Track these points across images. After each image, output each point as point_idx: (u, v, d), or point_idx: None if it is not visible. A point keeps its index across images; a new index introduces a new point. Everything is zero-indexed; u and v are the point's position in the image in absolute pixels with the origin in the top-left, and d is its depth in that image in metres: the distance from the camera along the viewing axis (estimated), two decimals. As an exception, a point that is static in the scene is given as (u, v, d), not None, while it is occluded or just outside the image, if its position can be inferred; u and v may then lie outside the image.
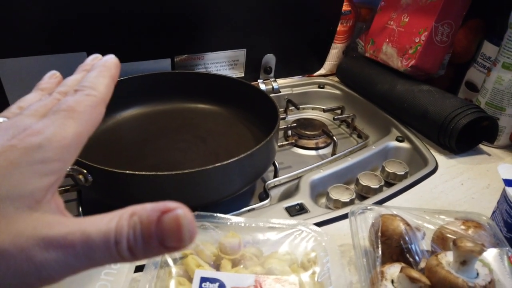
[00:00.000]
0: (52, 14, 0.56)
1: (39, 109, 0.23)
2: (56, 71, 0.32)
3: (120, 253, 0.18)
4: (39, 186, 0.20)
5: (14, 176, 0.19)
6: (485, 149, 0.61)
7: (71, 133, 0.22)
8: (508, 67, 0.56)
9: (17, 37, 0.56)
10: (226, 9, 0.67)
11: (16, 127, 0.21)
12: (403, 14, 0.70)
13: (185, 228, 0.19)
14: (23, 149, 0.20)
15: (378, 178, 0.56)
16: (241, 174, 0.48)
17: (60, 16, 0.56)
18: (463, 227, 0.37)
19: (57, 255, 0.18)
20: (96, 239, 0.18)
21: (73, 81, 0.27)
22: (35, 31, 0.57)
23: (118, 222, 0.19)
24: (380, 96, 0.70)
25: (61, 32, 0.58)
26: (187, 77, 0.67)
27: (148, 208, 0.19)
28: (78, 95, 0.23)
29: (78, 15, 0.57)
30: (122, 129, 0.62)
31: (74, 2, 0.56)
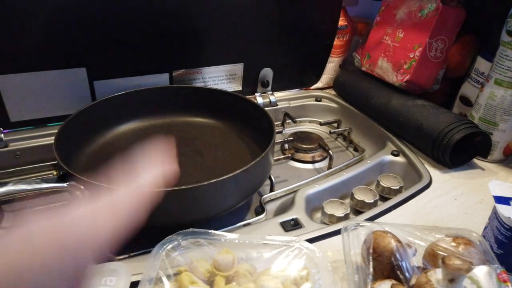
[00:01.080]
0: (52, 31, 0.57)
1: None
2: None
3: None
4: None
5: None
6: (479, 164, 0.61)
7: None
8: (501, 83, 0.57)
9: (18, 53, 0.57)
10: (223, 24, 0.68)
11: None
12: (398, 30, 0.72)
13: None
14: None
15: (373, 193, 0.56)
16: (237, 189, 0.48)
17: (60, 32, 0.58)
18: (454, 244, 0.38)
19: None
20: None
21: None
22: (36, 48, 0.58)
23: None
24: (376, 110, 0.71)
25: (61, 48, 0.59)
26: (185, 92, 0.68)
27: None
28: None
29: (78, 31, 0.59)
30: (120, 143, 0.63)
31: (73, 18, 0.57)
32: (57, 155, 0.48)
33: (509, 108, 0.58)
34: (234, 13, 0.68)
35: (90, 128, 0.61)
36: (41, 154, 0.63)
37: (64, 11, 0.56)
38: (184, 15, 0.64)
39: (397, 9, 0.73)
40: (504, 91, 0.57)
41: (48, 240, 0.24)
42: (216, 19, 0.67)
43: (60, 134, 0.52)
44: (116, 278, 0.35)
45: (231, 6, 0.67)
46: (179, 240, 0.38)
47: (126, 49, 0.64)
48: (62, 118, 0.63)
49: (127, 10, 0.60)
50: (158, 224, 0.46)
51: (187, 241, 0.38)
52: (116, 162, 0.58)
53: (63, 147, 0.51)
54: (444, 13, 0.65)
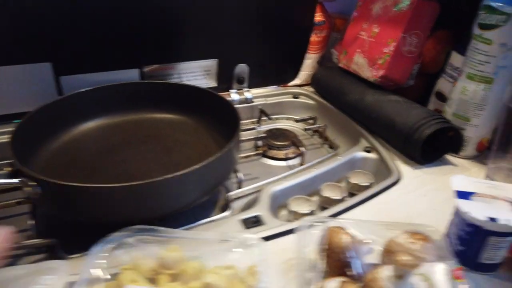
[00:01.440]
0: (14, 23, 0.56)
1: None
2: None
3: None
4: None
5: None
6: (452, 160, 0.60)
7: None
8: (472, 77, 0.56)
9: (-22, 48, 0.56)
10: (197, 18, 0.67)
11: None
12: (373, 25, 0.70)
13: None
14: None
15: (341, 189, 0.55)
16: (198, 185, 0.47)
17: (23, 25, 0.56)
18: (411, 240, 0.36)
19: None
20: None
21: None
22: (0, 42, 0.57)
23: None
24: (351, 106, 0.70)
25: (24, 42, 0.58)
26: (154, 87, 0.67)
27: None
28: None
29: (42, 25, 0.57)
30: (86, 140, 0.61)
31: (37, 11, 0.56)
32: (12, 151, 0.46)
33: (482, 103, 0.56)
34: (208, 6, 0.67)
35: (54, 125, 0.59)
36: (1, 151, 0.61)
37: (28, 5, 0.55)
38: (156, 7, 0.63)
39: (373, 4, 0.72)
40: (476, 85, 0.56)
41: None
42: (190, 12, 0.66)
43: (18, 131, 0.51)
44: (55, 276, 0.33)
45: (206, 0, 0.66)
46: (124, 238, 0.36)
47: (94, 43, 0.62)
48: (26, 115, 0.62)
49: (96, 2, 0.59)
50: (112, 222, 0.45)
51: (134, 238, 0.37)
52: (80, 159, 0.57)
53: (21, 144, 0.49)
54: (419, 7, 0.64)
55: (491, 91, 0.55)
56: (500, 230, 0.36)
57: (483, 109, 0.57)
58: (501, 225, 0.35)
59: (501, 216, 0.36)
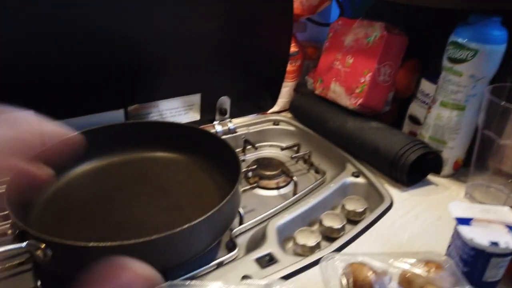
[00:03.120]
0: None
1: None
2: None
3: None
4: None
5: None
6: (432, 180, 0.65)
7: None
8: (446, 104, 0.62)
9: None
10: (178, 55, 0.67)
11: None
12: (347, 55, 0.75)
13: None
14: None
15: (340, 217, 0.58)
16: (211, 230, 0.47)
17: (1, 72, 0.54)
18: (426, 269, 0.40)
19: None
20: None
21: None
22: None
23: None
24: (333, 133, 0.74)
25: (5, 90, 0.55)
26: (141, 127, 0.66)
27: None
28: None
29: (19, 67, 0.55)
30: (77, 187, 0.59)
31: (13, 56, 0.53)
32: (11, 210, 0.44)
33: (456, 127, 0.62)
34: (188, 44, 0.67)
35: (43, 174, 0.57)
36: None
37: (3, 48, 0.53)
38: (135, 47, 0.63)
39: (344, 36, 0.77)
40: (450, 112, 0.62)
41: None
42: (170, 51, 0.66)
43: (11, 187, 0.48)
44: None
45: (185, 37, 0.66)
46: (158, 296, 0.36)
47: (75, 87, 0.60)
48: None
49: (74, 44, 0.57)
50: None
51: (166, 295, 0.36)
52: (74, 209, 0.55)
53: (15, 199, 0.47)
54: (389, 40, 0.69)
55: (464, 116, 0.61)
56: (501, 252, 0.40)
57: (458, 133, 0.63)
58: (502, 248, 0.40)
59: (501, 239, 0.40)
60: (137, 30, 0.61)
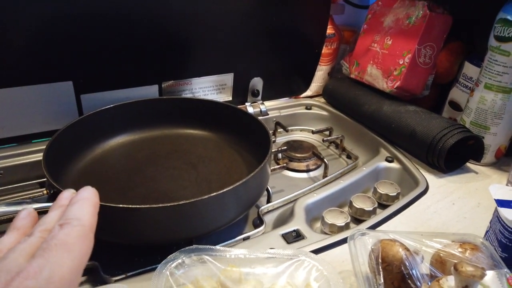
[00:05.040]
0: (36, 44, 0.55)
1: (26, 248, 0.22)
2: (32, 210, 0.31)
3: None
4: None
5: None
6: (472, 167, 0.62)
7: (67, 270, 0.21)
8: (490, 87, 0.58)
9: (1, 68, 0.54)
10: (212, 34, 0.67)
11: (7, 271, 0.20)
12: (386, 37, 0.72)
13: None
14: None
15: (371, 200, 0.56)
16: (236, 203, 0.47)
17: (44, 45, 0.56)
18: (460, 250, 0.38)
19: None
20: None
21: (52, 218, 0.27)
22: (20, 61, 0.56)
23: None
24: (368, 117, 0.72)
25: (46, 62, 0.57)
26: (175, 103, 0.67)
27: None
28: (65, 228, 0.24)
29: (63, 44, 0.57)
30: (111, 158, 0.60)
31: (58, 31, 0.55)
32: (47, 174, 0.45)
33: (500, 112, 0.59)
34: (222, 23, 0.67)
35: (79, 144, 0.59)
36: (26, 172, 0.60)
37: (49, 24, 0.55)
38: (172, 26, 0.63)
39: (384, 17, 0.74)
40: (494, 95, 0.58)
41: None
42: (205, 29, 0.66)
43: (48, 152, 0.50)
44: (118, 301, 0.33)
45: (219, 16, 0.66)
46: (182, 258, 0.36)
47: (114, 62, 0.62)
48: (48, 134, 0.61)
49: (114, 22, 0.58)
50: (156, 241, 0.45)
51: (191, 258, 0.36)
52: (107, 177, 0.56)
53: (51, 164, 0.48)
54: (431, 20, 0.66)
55: (509, 100, 0.57)
56: (546, 236, 0.37)
57: (501, 118, 0.59)
58: (547, 232, 0.37)
59: (546, 223, 0.37)
60: (172, 8, 0.62)
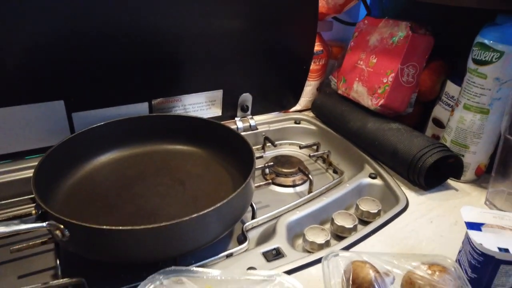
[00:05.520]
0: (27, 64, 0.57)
1: None
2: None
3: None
4: None
5: None
6: (453, 185, 0.64)
7: None
8: (469, 108, 0.60)
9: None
10: (202, 52, 0.69)
11: None
12: (371, 55, 0.74)
13: None
14: None
15: (352, 217, 0.57)
16: (219, 221, 0.49)
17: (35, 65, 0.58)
18: (429, 272, 0.39)
19: None
20: None
21: None
22: (12, 82, 0.57)
23: None
24: (353, 133, 0.73)
25: (38, 81, 0.59)
26: (164, 120, 0.69)
27: None
28: None
29: (54, 63, 0.59)
30: (100, 175, 0.62)
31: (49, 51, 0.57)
32: (36, 193, 0.47)
33: (479, 132, 0.60)
34: (212, 41, 0.69)
35: (69, 161, 0.60)
36: (20, 187, 0.62)
37: (39, 44, 0.56)
38: (162, 43, 0.65)
39: (369, 35, 0.76)
40: (473, 115, 0.60)
41: None
42: (194, 47, 0.68)
43: (39, 168, 0.52)
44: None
45: (209, 34, 0.68)
46: (161, 280, 0.38)
47: (104, 80, 0.64)
48: (41, 151, 0.63)
49: (104, 41, 0.60)
50: (140, 260, 0.47)
51: (169, 279, 0.38)
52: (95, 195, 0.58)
53: (41, 183, 0.50)
54: (413, 40, 0.68)
55: (487, 120, 0.59)
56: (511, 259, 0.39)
57: (480, 137, 0.60)
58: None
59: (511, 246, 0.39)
60: (162, 27, 0.64)
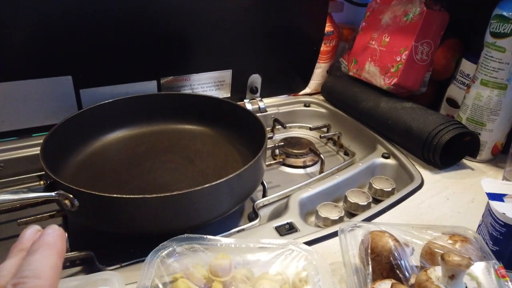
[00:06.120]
0: (36, 38, 0.56)
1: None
2: (35, 227, 0.27)
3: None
4: None
5: None
6: (468, 164, 0.62)
7: None
8: (486, 83, 0.58)
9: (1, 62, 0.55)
10: (211, 31, 0.68)
11: None
12: (384, 34, 0.73)
13: None
14: None
15: (366, 195, 0.56)
16: (230, 195, 0.48)
17: (44, 40, 0.57)
18: (450, 242, 0.38)
19: None
20: None
21: (8, 269, 0.22)
22: (20, 56, 0.57)
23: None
24: (365, 113, 0.72)
25: (46, 56, 0.58)
26: (173, 99, 0.68)
27: None
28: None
29: (63, 39, 0.58)
30: (109, 152, 0.61)
31: (58, 26, 0.56)
32: (44, 164, 0.46)
33: (496, 108, 0.59)
34: (221, 20, 0.68)
35: (77, 137, 0.59)
36: (27, 165, 0.61)
37: (48, 19, 0.55)
38: (172, 22, 0.64)
39: (382, 14, 0.74)
40: (490, 91, 0.58)
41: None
42: (204, 26, 0.67)
43: (46, 144, 0.51)
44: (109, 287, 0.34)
45: (219, 13, 0.67)
46: (173, 247, 0.37)
47: (113, 57, 0.63)
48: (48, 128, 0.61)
49: (113, 17, 0.59)
50: (150, 232, 0.46)
51: (182, 247, 0.37)
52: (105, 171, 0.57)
53: (49, 156, 0.49)
54: (428, 17, 0.66)
55: (505, 96, 0.57)
56: (536, 229, 0.38)
57: (497, 114, 0.59)
58: (537, 224, 0.37)
59: (536, 216, 0.37)
60: (171, 5, 0.63)
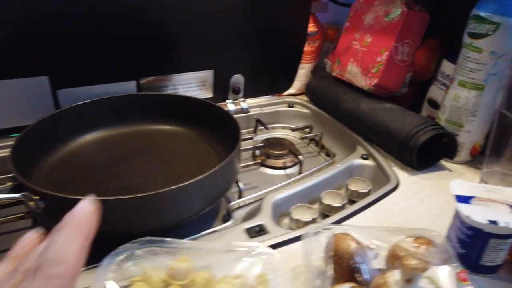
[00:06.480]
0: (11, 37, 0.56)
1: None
2: (34, 233, 0.27)
3: None
4: None
5: None
6: (447, 165, 0.62)
7: None
8: (464, 84, 0.58)
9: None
10: (193, 30, 0.68)
11: None
12: (366, 34, 0.72)
13: None
14: None
15: (341, 197, 0.56)
16: (202, 196, 0.47)
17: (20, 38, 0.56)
18: (415, 245, 0.37)
19: None
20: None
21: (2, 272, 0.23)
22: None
23: None
24: (346, 114, 0.71)
25: (21, 56, 0.58)
26: (152, 99, 0.67)
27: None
28: (37, 280, 0.20)
29: (39, 37, 0.57)
30: (85, 153, 0.61)
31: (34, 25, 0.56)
32: (13, 165, 0.46)
33: (473, 109, 0.58)
34: (204, 20, 0.67)
35: (52, 138, 0.59)
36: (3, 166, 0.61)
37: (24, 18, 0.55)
38: (152, 20, 0.64)
39: (365, 15, 0.74)
40: (468, 92, 0.58)
41: None
42: (186, 25, 0.67)
43: (17, 145, 0.50)
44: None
45: (201, 12, 0.66)
46: (133, 250, 0.36)
47: (91, 57, 0.62)
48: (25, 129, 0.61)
49: (91, 16, 0.59)
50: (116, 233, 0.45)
51: (143, 250, 0.37)
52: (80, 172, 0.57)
53: (21, 157, 0.49)
54: (409, 17, 0.66)
55: (482, 97, 0.57)
56: (500, 232, 0.37)
57: (475, 115, 0.58)
58: (501, 227, 0.37)
59: (501, 218, 0.37)
60: (153, 4, 0.62)
